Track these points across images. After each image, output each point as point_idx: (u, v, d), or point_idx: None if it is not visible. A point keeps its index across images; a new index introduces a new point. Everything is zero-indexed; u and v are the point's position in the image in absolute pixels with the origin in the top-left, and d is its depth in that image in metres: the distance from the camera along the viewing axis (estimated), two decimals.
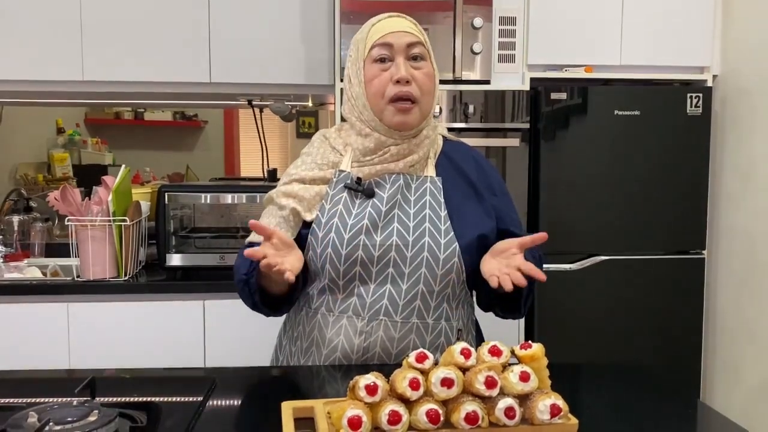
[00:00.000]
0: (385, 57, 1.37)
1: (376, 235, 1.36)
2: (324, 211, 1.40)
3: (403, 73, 1.35)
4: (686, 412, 1.24)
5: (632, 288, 2.62)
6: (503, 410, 1.02)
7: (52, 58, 2.60)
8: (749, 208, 2.54)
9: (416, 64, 1.38)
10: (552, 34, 2.57)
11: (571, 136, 2.57)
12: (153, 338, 2.36)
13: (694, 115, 2.59)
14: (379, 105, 1.38)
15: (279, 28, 2.65)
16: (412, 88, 1.36)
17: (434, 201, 1.40)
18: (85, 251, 2.35)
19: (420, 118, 1.40)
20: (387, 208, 1.38)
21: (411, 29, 1.40)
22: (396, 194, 1.39)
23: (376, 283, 1.36)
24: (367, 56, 1.38)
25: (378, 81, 1.37)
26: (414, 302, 1.36)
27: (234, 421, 1.14)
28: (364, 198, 1.39)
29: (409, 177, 1.41)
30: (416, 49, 1.38)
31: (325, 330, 1.39)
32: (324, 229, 1.38)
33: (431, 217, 1.38)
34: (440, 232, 1.37)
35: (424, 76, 1.39)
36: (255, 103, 3.11)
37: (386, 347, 1.36)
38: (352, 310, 1.37)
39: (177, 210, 2.58)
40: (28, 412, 1.00)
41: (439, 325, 1.39)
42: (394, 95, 1.36)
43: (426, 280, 1.36)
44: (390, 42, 1.37)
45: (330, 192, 1.41)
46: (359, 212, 1.38)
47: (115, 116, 5.07)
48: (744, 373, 2.57)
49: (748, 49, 2.54)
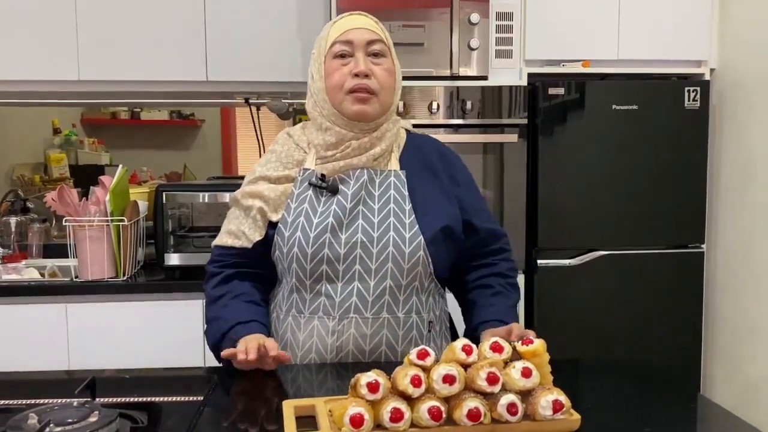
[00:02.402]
0: (346, 53, 1.40)
1: (342, 233, 1.37)
2: (290, 211, 1.41)
3: (362, 67, 1.38)
4: (688, 406, 1.24)
5: (631, 282, 2.62)
6: (505, 406, 1.02)
7: (48, 58, 2.59)
8: (747, 201, 2.54)
9: (376, 60, 1.41)
10: (549, 29, 2.57)
11: (569, 131, 2.57)
12: (152, 338, 2.35)
13: (692, 109, 2.59)
14: (338, 97, 1.40)
15: (275, 26, 2.64)
16: (370, 81, 1.39)
17: (398, 195, 1.41)
18: (83, 252, 2.35)
19: (379, 111, 1.41)
20: (351, 205, 1.39)
21: (371, 26, 1.43)
22: (360, 190, 1.40)
23: (344, 281, 1.37)
24: (328, 52, 1.41)
25: (338, 74, 1.40)
26: (383, 297, 1.37)
27: (235, 421, 1.13)
28: (329, 195, 1.40)
29: (373, 171, 1.43)
30: (376, 45, 1.41)
31: (298, 332, 1.41)
32: (290, 229, 1.39)
33: (396, 211, 1.40)
34: (405, 226, 1.38)
35: (383, 71, 1.41)
36: (252, 101, 3.10)
37: (359, 344, 1.38)
38: (322, 310, 1.38)
39: (175, 209, 2.57)
40: (28, 413, 1.00)
41: (410, 319, 1.41)
42: (353, 87, 1.38)
43: (393, 274, 1.37)
44: (350, 39, 1.40)
45: (295, 191, 1.42)
46: (324, 210, 1.39)
47: (112, 116, 5.06)
48: (743, 367, 2.57)
49: (745, 42, 2.54)
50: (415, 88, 2.47)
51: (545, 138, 2.56)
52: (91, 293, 2.34)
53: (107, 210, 2.33)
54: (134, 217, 2.43)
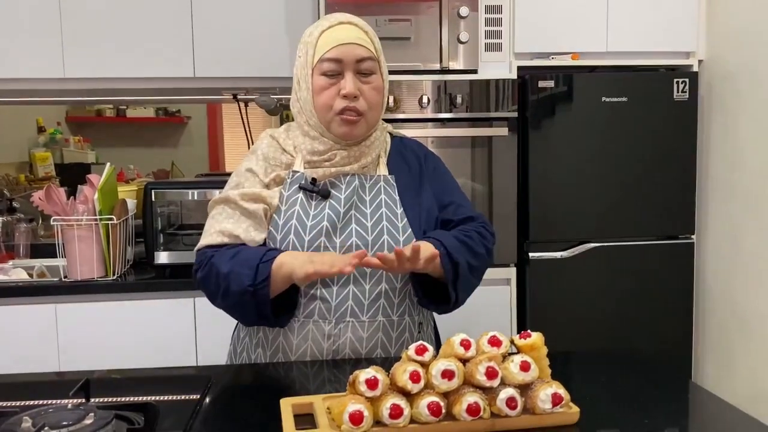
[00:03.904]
0: (334, 72, 1.37)
1: (336, 236, 1.37)
2: (280, 213, 1.38)
3: (351, 89, 1.35)
4: (682, 395, 1.25)
5: (623, 274, 2.62)
6: (505, 401, 1.02)
7: (32, 55, 2.55)
8: (736, 192, 2.56)
9: (365, 78, 1.39)
10: (538, 21, 2.56)
11: (558, 123, 2.57)
12: (144, 337, 2.33)
13: (681, 101, 2.60)
14: (327, 117, 1.38)
15: (263, 21, 2.62)
16: (359, 104, 1.37)
17: (389, 199, 1.42)
18: (71, 251, 2.32)
19: (366, 130, 1.41)
20: (345, 209, 1.38)
21: (361, 41, 1.38)
22: (352, 195, 1.40)
23: (339, 285, 1.36)
24: (316, 67, 1.38)
25: (327, 94, 1.37)
26: (378, 300, 1.37)
27: (232, 420, 1.12)
28: (320, 199, 1.39)
29: (363, 177, 1.43)
30: (366, 63, 1.38)
31: (291, 336, 1.39)
32: (282, 232, 1.37)
33: (388, 215, 1.40)
34: (398, 229, 1.39)
35: (371, 90, 1.39)
36: (240, 97, 3.07)
37: (355, 348, 1.37)
38: (317, 314, 1.37)
39: (164, 207, 2.55)
40: (22, 416, 0.98)
41: (404, 321, 1.42)
42: (342, 109, 1.36)
43: (388, 278, 1.38)
44: (339, 57, 1.36)
45: (285, 193, 1.40)
46: (317, 213, 1.37)
47: (97, 114, 5.01)
48: (733, 356, 2.59)
49: (732, 33, 2.55)
50: (403, 82, 2.46)
51: (535, 131, 2.56)
52: (81, 293, 2.32)
53: (96, 209, 2.31)
54: (123, 215, 2.41)
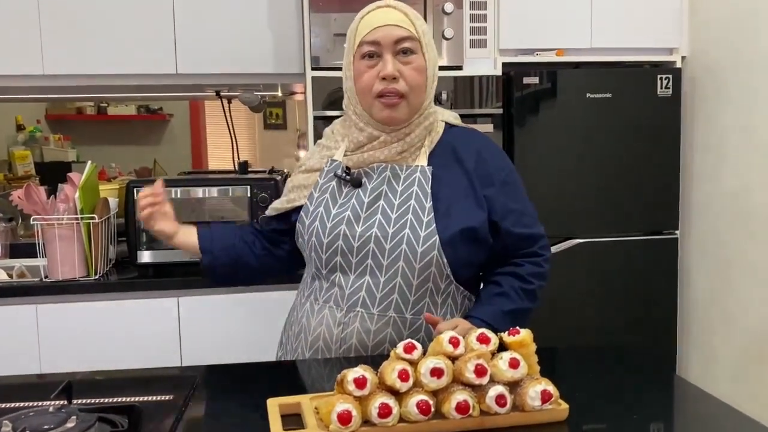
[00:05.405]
0: (373, 53, 1.36)
1: (358, 225, 1.37)
2: (312, 200, 1.44)
3: (389, 71, 1.34)
4: (668, 389, 1.27)
5: (608, 269, 2.63)
6: (494, 398, 1.01)
7: (10, 51, 2.50)
8: (720, 187, 2.57)
9: (405, 58, 1.37)
10: (523, 18, 2.56)
11: (543, 120, 2.57)
12: (127, 338, 2.30)
13: (665, 97, 2.61)
14: (368, 100, 1.38)
15: (246, 16, 2.58)
16: (398, 85, 1.35)
17: (421, 192, 1.38)
18: (52, 251, 2.29)
19: (409, 113, 1.39)
20: (371, 199, 1.38)
21: (400, 21, 1.37)
22: (381, 185, 1.39)
23: (356, 274, 1.37)
24: (356, 51, 1.38)
25: (366, 77, 1.37)
26: (392, 295, 1.35)
27: (219, 420, 1.11)
28: (351, 188, 1.41)
29: (398, 167, 1.40)
30: (405, 43, 1.36)
31: (311, 318, 1.43)
32: (310, 218, 1.42)
33: (415, 208, 1.37)
34: (422, 224, 1.35)
35: (412, 70, 1.37)
36: (223, 94, 3.05)
37: (362, 339, 1.36)
38: (333, 300, 1.39)
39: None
40: (2, 420, 0.96)
41: (418, 321, 1.38)
42: (381, 91, 1.35)
43: (404, 273, 1.35)
44: (377, 39, 1.35)
45: (320, 181, 1.45)
46: (344, 202, 1.40)
47: (77, 111, 4.95)
48: (717, 351, 2.61)
49: (715, 29, 2.57)
50: None
51: (520, 127, 2.56)
52: (62, 293, 2.28)
53: (77, 207, 2.28)
54: (105, 214, 2.37)
